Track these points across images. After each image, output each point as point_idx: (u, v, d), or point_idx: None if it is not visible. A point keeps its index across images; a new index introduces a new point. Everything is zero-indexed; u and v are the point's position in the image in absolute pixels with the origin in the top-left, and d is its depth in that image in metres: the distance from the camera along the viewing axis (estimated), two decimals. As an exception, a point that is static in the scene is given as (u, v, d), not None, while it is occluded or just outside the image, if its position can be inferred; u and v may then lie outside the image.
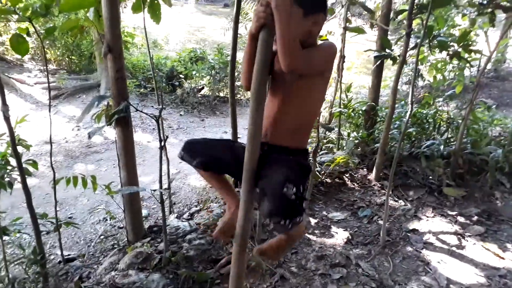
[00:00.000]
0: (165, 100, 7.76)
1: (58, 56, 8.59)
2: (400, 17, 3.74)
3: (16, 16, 2.33)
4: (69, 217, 3.93)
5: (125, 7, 6.90)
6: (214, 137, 6.69)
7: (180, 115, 7.45)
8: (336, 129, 4.39)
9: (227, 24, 12.75)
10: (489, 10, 3.52)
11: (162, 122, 2.64)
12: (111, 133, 5.99)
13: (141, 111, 2.45)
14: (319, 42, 1.57)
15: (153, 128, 6.47)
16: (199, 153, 1.59)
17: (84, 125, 6.37)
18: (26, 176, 2.28)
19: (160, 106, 2.46)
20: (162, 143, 2.50)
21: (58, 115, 6.72)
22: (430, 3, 2.70)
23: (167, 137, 2.56)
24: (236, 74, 3.24)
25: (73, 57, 8.71)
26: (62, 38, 8.18)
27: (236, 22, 2.90)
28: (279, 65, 1.36)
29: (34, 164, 2.59)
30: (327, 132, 4.33)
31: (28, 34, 2.39)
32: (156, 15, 3.11)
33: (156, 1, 3.08)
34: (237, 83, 8.50)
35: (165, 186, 3.30)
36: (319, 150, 3.43)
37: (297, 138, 1.55)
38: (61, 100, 7.17)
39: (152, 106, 7.03)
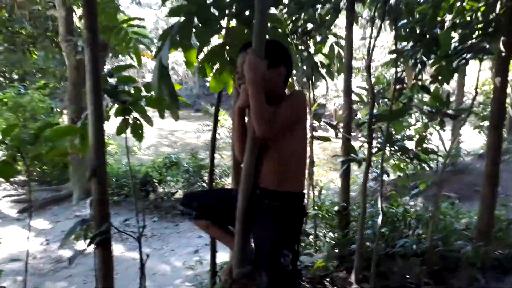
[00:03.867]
0: (138, 206, 7.70)
1: (29, 167, 8.55)
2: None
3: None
4: None
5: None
6: (188, 243, 6.60)
7: (154, 221, 7.35)
8: (313, 230, 4.49)
9: (201, 128, 13.37)
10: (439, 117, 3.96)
11: (140, 243, 2.65)
12: (81, 245, 5.78)
13: (123, 232, 2.49)
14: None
15: (126, 238, 6.31)
16: (196, 206, 1.77)
17: (54, 238, 6.16)
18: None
19: (142, 225, 2.51)
20: (143, 262, 2.50)
21: (26, 229, 6.49)
22: (388, 118, 3.06)
23: (148, 256, 2.56)
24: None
25: (44, 167, 8.70)
26: (36, 151, 8.23)
27: (215, 128, 3.13)
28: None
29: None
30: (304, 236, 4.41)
31: (15, 160, 2.49)
32: (138, 134, 3.30)
33: (139, 122, 3.30)
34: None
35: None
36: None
37: (285, 182, 1.61)
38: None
39: (126, 220, 6.92)
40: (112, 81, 3.03)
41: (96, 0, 2.23)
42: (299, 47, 3.77)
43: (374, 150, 3.60)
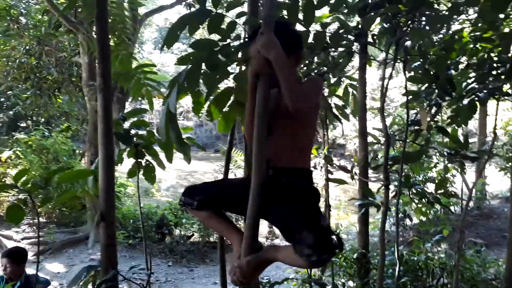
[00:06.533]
0: (154, 250, 7.60)
1: (49, 209, 8.63)
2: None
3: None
4: None
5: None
6: (204, 290, 6.42)
7: (169, 265, 7.21)
8: (330, 279, 4.28)
9: (218, 169, 13.36)
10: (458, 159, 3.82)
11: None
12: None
13: (129, 280, 2.42)
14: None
15: (140, 282, 6.17)
16: (199, 194, 1.65)
17: (68, 282, 6.07)
18: None
19: (149, 272, 2.44)
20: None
21: (41, 273, 6.43)
22: (401, 161, 2.96)
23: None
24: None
25: (64, 209, 8.75)
26: (55, 192, 8.35)
27: (227, 169, 3.08)
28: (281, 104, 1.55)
29: None
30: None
31: (25, 204, 2.49)
32: (150, 177, 3.30)
33: (151, 165, 3.30)
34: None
35: None
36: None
37: (301, 159, 1.60)
38: (47, 256, 6.98)
39: (141, 265, 6.82)
40: (126, 124, 3.08)
41: (109, 47, 2.30)
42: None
43: (392, 194, 3.48)
